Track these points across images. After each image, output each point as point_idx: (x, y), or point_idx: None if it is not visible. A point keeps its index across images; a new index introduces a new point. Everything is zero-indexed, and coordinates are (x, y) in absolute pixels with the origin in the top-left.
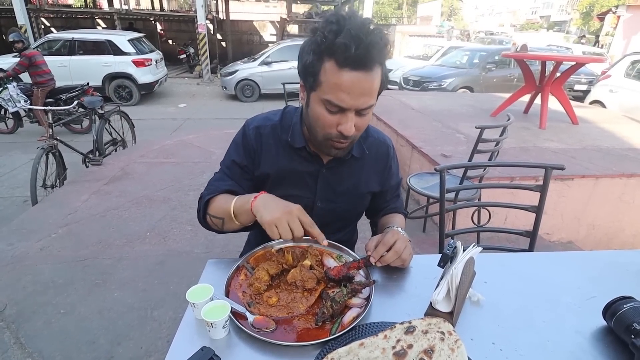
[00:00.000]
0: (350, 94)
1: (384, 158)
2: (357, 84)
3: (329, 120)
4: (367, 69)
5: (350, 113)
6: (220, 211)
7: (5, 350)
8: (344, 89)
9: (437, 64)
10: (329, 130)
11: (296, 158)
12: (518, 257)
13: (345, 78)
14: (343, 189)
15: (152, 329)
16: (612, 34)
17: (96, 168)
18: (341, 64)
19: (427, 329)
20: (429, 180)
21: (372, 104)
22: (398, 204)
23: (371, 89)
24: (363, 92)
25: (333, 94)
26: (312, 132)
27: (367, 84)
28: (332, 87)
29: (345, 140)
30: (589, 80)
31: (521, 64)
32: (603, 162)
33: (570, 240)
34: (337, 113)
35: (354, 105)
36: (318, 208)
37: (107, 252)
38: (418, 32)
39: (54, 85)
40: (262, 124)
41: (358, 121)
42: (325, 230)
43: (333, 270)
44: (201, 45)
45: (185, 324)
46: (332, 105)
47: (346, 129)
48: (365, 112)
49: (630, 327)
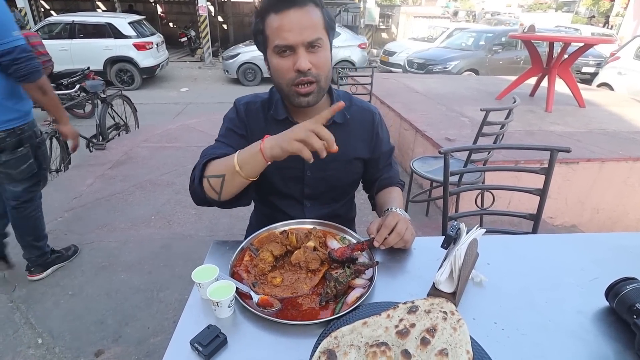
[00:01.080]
0: (291, 30)
1: (369, 125)
2: (294, 20)
3: (284, 65)
4: (300, 5)
5: (300, 49)
6: (220, 168)
7: (16, 330)
8: (285, 28)
9: (442, 46)
10: (288, 75)
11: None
12: (521, 239)
13: (284, 18)
14: (330, 156)
15: (159, 310)
16: (623, 14)
17: (100, 152)
18: (276, 10)
19: (429, 308)
20: (433, 164)
21: (320, 37)
22: (392, 173)
23: (311, 22)
24: (303, 26)
25: (278, 37)
26: (280, 88)
27: (305, 18)
28: (276, 32)
29: (306, 79)
30: (597, 62)
31: (528, 45)
32: (609, 146)
33: (574, 224)
34: (289, 55)
35: (298, 39)
36: (308, 177)
37: (112, 235)
38: (423, 14)
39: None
40: (252, 100)
41: (312, 58)
42: (319, 200)
43: (337, 251)
44: (202, 27)
45: (192, 303)
46: (281, 47)
47: (300, 65)
48: (317, 46)
49: (632, 307)
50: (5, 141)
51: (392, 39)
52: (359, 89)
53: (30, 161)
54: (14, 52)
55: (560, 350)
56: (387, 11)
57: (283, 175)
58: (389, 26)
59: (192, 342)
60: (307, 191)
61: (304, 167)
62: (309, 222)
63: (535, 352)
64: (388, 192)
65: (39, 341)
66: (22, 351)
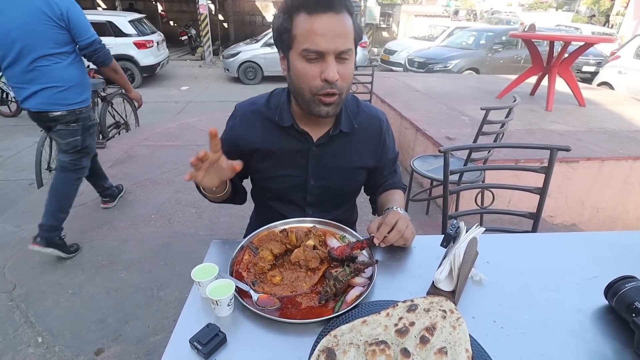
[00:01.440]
0: (325, 36)
1: (376, 133)
2: (329, 25)
3: (311, 72)
4: (337, 11)
5: (329, 58)
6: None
7: (16, 329)
8: (319, 32)
9: (443, 45)
10: (314, 82)
11: (285, 137)
12: (521, 238)
13: (317, 22)
14: (335, 165)
15: (159, 309)
16: (623, 13)
17: (100, 151)
18: (310, 10)
19: (429, 307)
20: (433, 162)
21: (351, 49)
22: (396, 179)
23: (345, 30)
24: (337, 33)
25: (309, 41)
26: (300, 93)
27: (340, 26)
28: (307, 34)
29: (332, 91)
30: (597, 61)
31: (529, 44)
32: (609, 145)
33: (574, 222)
34: (317, 61)
35: (331, 47)
36: (311, 186)
37: (112, 234)
38: (424, 12)
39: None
40: (248, 110)
41: (340, 69)
42: (321, 208)
43: (337, 250)
44: (203, 26)
45: (191, 302)
46: (311, 52)
47: (329, 75)
48: (346, 57)
49: (631, 306)
50: (66, 117)
51: (393, 37)
52: (359, 87)
53: (77, 137)
54: (94, 44)
55: (560, 348)
56: (387, 10)
57: (285, 183)
58: (390, 25)
59: (192, 341)
60: (310, 199)
61: (307, 175)
62: (309, 220)
63: (534, 351)
64: (390, 193)
65: (38, 340)
66: (22, 350)
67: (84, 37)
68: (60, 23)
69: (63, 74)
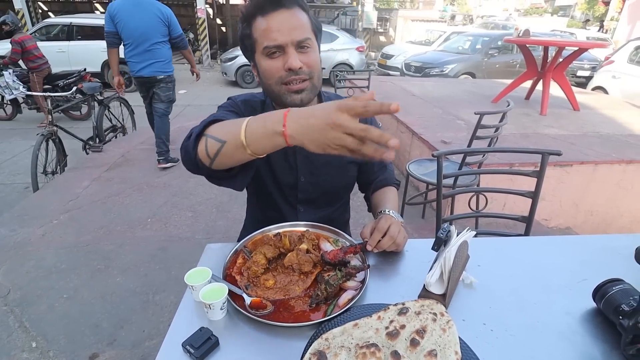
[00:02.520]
0: (279, 30)
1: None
2: (282, 20)
3: (275, 66)
4: (287, 7)
5: (289, 49)
6: (224, 132)
7: (10, 333)
8: (274, 29)
9: (439, 49)
10: (278, 73)
11: None
12: (512, 242)
13: (271, 20)
14: (323, 161)
15: (154, 313)
16: (617, 18)
17: (97, 155)
18: (263, 12)
19: (419, 310)
20: (428, 166)
21: (309, 38)
22: (387, 174)
23: (299, 22)
24: (292, 26)
25: (267, 39)
26: (270, 90)
27: (293, 19)
28: (264, 33)
29: (297, 77)
30: (592, 66)
31: (523, 49)
32: (602, 149)
33: (569, 226)
34: (279, 55)
35: (287, 39)
36: (302, 183)
37: (108, 238)
38: (420, 17)
39: (49, 70)
40: (249, 99)
41: (303, 57)
42: (313, 205)
43: (329, 254)
44: (201, 30)
45: (184, 306)
46: (271, 48)
47: (291, 63)
48: (306, 46)
49: (618, 308)
50: (165, 80)
51: (390, 42)
52: (356, 92)
53: (170, 92)
54: (181, 36)
55: (548, 350)
56: (385, 15)
57: (276, 181)
58: (387, 29)
59: (184, 345)
60: (301, 196)
61: (297, 172)
62: (303, 224)
63: (523, 353)
64: (383, 192)
65: (33, 345)
66: (16, 355)
67: (176, 32)
68: (165, 22)
69: (164, 53)
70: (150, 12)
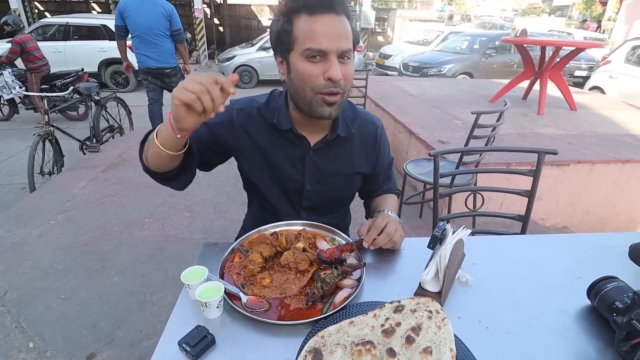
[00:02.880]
0: (327, 35)
1: (372, 139)
2: (331, 25)
3: (314, 71)
4: (337, 12)
5: (332, 57)
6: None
7: (7, 334)
8: (321, 32)
9: (437, 49)
10: (317, 81)
11: (282, 141)
12: (508, 240)
13: (319, 22)
14: (331, 171)
15: (152, 313)
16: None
17: (94, 155)
18: (311, 11)
19: (415, 307)
20: (426, 166)
21: (351, 49)
22: (390, 184)
23: (346, 32)
24: (339, 34)
25: (311, 40)
26: (301, 95)
27: (342, 27)
28: (309, 34)
29: (335, 90)
30: (589, 66)
31: (520, 49)
32: (599, 148)
33: (565, 225)
34: (320, 61)
35: (334, 46)
36: (307, 191)
37: (106, 238)
38: (418, 17)
39: (48, 70)
40: (248, 105)
41: (343, 68)
42: (316, 212)
43: (326, 252)
44: (198, 30)
45: (181, 304)
46: (313, 51)
47: (333, 74)
48: (347, 57)
49: (612, 305)
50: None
51: (388, 42)
52: (353, 91)
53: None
54: (180, 29)
55: (543, 348)
56: (383, 14)
57: (281, 186)
58: (385, 29)
59: (180, 343)
60: (305, 203)
61: (304, 180)
62: (299, 223)
63: (517, 350)
64: (384, 197)
65: (30, 345)
66: (13, 355)
67: (176, 26)
68: (167, 18)
69: (167, 47)
70: (154, 9)
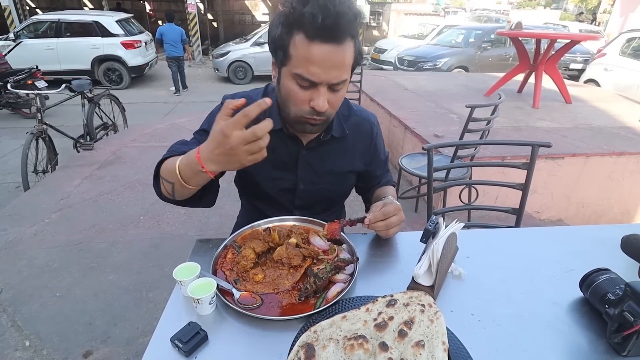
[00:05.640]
0: (321, 67)
1: (367, 137)
2: (327, 57)
3: (301, 97)
4: (338, 42)
5: (322, 88)
6: (170, 175)
7: (3, 333)
8: (315, 62)
9: (433, 43)
10: (301, 106)
11: (275, 139)
12: (501, 233)
13: (316, 51)
14: (325, 170)
15: (148, 310)
16: (610, 11)
17: (88, 153)
18: (310, 37)
19: (408, 301)
20: (421, 160)
21: (345, 79)
22: (389, 177)
23: (343, 62)
24: (334, 65)
25: (304, 68)
26: (284, 109)
27: (339, 58)
28: (303, 60)
29: (318, 118)
30: (584, 59)
31: (515, 42)
32: (594, 141)
33: (560, 218)
34: (308, 88)
35: (325, 79)
36: (300, 190)
37: (101, 236)
38: (413, 11)
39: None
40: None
41: (331, 97)
42: (309, 211)
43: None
44: (192, 25)
45: (173, 301)
46: (303, 79)
47: (318, 105)
48: (338, 88)
49: (604, 297)
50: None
51: (383, 36)
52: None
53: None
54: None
55: (535, 340)
56: (377, 8)
57: (274, 186)
58: (380, 24)
59: (173, 339)
60: (298, 202)
61: (297, 179)
62: (292, 219)
63: (509, 342)
64: (385, 189)
65: (26, 343)
66: (9, 354)
67: (183, 37)
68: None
69: (180, 47)
70: (177, 31)
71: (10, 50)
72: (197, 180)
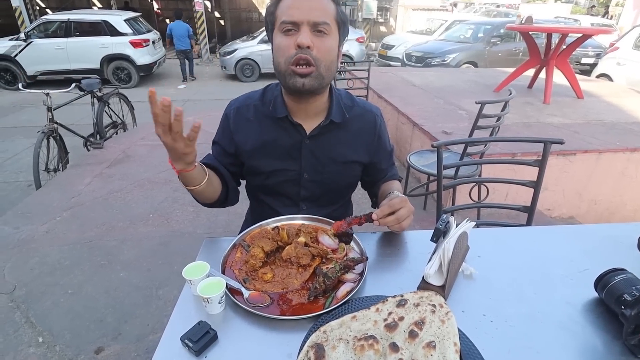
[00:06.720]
0: (300, 8)
1: (371, 128)
2: (305, 0)
3: (286, 43)
4: None
5: (304, 27)
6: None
7: (17, 329)
8: (294, 5)
9: (441, 38)
10: (289, 52)
11: (278, 130)
12: (513, 232)
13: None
14: (328, 159)
15: (158, 307)
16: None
17: (98, 151)
18: None
19: (418, 302)
20: (429, 157)
21: (327, 22)
22: (394, 170)
23: (321, 5)
24: (312, 6)
25: (285, 14)
26: (277, 68)
27: (316, 1)
28: (284, 9)
29: (304, 56)
30: (596, 53)
31: (526, 36)
32: (606, 137)
33: (572, 215)
34: (293, 34)
35: (305, 17)
36: (305, 180)
37: (111, 234)
38: (421, 6)
39: None
40: (243, 104)
41: (317, 41)
42: (316, 203)
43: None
44: (199, 24)
45: (183, 300)
46: (287, 24)
47: (301, 39)
48: (322, 31)
49: (620, 298)
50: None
51: (391, 32)
52: (356, 83)
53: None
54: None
55: (548, 341)
56: (385, 4)
57: (279, 177)
58: (387, 19)
59: (183, 339)
60: (304, 193)
61: (301, 169)
62: (300, 217)
63: (522, 343)
64: (391, 183)
65: (39, 340)
66: (23, 350)
67: (190, 32)
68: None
69: (188, 41)
70: (184, 27)
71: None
72: (186, 180)
